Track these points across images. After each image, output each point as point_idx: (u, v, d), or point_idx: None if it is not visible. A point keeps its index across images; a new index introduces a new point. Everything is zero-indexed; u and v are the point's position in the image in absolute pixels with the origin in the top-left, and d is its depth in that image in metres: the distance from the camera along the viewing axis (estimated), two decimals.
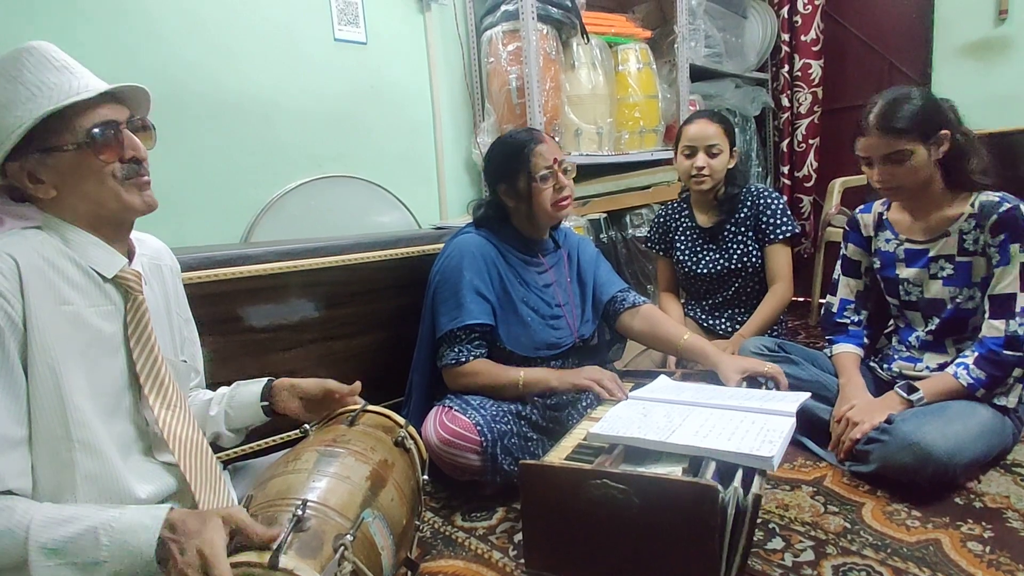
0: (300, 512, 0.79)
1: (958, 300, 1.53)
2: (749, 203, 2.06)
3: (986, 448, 1.40)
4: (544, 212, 1.57)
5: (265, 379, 1.19)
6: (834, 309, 1.77)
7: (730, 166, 2.04)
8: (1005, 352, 1.41)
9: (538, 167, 1.54)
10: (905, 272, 1.61)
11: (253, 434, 1.26)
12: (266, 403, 1.16)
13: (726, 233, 2.09)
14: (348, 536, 0.80)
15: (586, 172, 2.58)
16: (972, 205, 1.49)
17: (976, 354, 1.45)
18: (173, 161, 1.85)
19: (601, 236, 2.48)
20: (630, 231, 2.59)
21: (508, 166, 1.57)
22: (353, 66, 2.28)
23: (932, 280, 1.57)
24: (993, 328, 1.44)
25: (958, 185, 1.51)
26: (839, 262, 1.79)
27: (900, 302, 1.66)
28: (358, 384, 1.17)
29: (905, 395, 1.47)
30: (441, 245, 1.72)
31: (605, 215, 2.53)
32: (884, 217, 1.67)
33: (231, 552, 0.75)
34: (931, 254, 1.56)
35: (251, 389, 1.17)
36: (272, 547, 0.74)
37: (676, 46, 2.85)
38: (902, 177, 1.48)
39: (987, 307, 1.47)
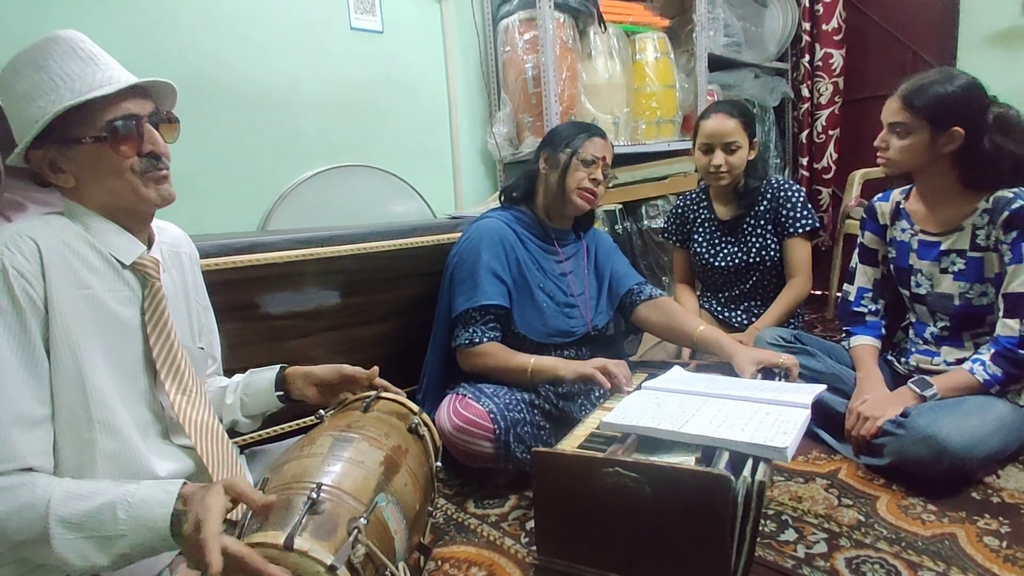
0: (315, 495, 0.80)
1: (968, 296, 1.51)
2: (769, 196, 2.03)
3: (1003, 443, 1.38)
4: (569, 191, 1.60)
5: (277, 367, 1.19)
6: (851, 298, 1.76)
7: (750, 158, 2.00)
8: (1021, 351, 1.39)
9: (586, 150, 1.59)
10: (918, 264, 1.59)
11: (269, 420, 1.28)
12: (280, 392, 1.17)
13: (745, 226, 2.06)
14: (362, 519, 0.81)
15: None
16: (987, 200, 1.46)
17: (993, 351, 1.43)
18: (191, 149, 1.84)
19: (616, 227, 2.46)
20: (645, 222, 2.57)
21: (563, 136, 1.64)
22: (369, 55, 2.29)
23: (943, 274, 1.55)
24: (1007, 327, 1.42)
25: (975, 187, 1.48)
26: (856, 250, 1.77)
27: (911, 294, 1.64)
28: (376, 369, 1.17)
29: (919, 391, 1.45)
30: (456, 235, 1.73)
31: (620, 206, 2.51)
32: (901, 206, 1.65)
33: (246, 533, 0.76)
34: (943, 247, 1.54)
35: (265, 376, 1.18)
36: (288, 528, 0.75)
37: (695, 35, 2.81)
38: (895, 151, 1.49)
39: (1001, 305, 1.45)
